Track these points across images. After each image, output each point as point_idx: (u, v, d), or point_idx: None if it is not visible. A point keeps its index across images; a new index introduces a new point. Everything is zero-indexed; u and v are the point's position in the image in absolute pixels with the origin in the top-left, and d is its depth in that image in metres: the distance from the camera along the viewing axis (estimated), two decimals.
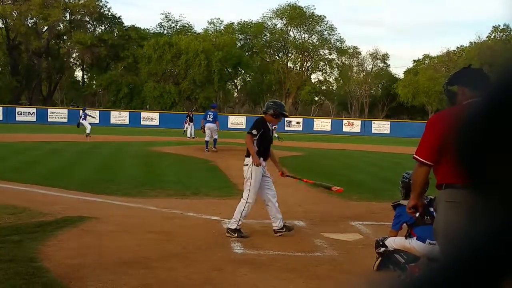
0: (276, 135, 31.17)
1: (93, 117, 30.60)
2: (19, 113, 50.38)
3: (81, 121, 30.42)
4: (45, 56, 64.87)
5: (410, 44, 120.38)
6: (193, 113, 34.96)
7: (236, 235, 7.16)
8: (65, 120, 47.83)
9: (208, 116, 21.82)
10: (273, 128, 7.91)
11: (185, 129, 39.40)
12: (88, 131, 29.48)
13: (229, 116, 53.43)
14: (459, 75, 4.11)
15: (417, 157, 3.97)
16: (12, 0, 61.71)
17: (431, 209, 5.47)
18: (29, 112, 50.85)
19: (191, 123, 32.63)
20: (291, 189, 11.21)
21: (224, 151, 21.63)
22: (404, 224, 5.82)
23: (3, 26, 62.83)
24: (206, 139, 21.64)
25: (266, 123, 7.61)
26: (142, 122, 51.59)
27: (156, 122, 51.87)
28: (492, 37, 66.60)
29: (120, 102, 62.17)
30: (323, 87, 76.13)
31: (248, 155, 7.43)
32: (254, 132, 7.40)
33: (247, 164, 7.39)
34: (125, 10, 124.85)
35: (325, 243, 7.12)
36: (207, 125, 21.61)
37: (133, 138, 31.15)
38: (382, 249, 5.76)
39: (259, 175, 7.38)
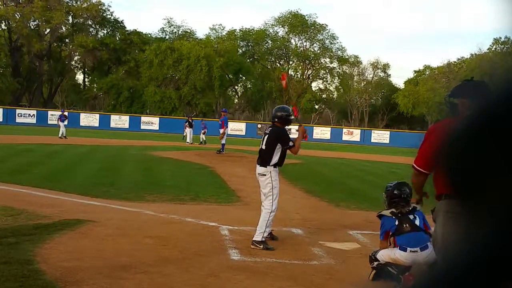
0: (204, 138, 31.54)
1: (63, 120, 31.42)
2: (19, 115, 50.43)
3: (59, 122, 31.32)
4: (47, 59, 64.99)
5: (411, 54, 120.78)
6: (192, 118, 34.89)
7: (261, 246, 7.01)
8: (65, 123, 47.79)
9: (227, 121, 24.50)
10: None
11: (185, 134, 39.47)
12: (60, 134, 30.34)
13: (229, 122, 53.40)
14: (461, 87, 4.17)
15: (414, 165, 4.12)
16: (15, 2, 61.85)
17: (411, 217, 5.54)
18: (29, 114, 50.88)
19: (190, 129, 32.57)
20: (289, 196, 11.22)
21: (223, 157, 21.67)
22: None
23: (6, 27, 62.97)
24: (224, 142, 23.47)
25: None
26: (142, 127, 51.60)
27: (156, 126, 51.88)
28: (493, 49, 66.78)
29: (120, 106, 62.24)
30: (324, 96, 76.25)
31: (262, 165, 7.35)
32: (291, 143, 7.42)
33: (265, 174, 7.30)
34: (127, 15, 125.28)
35: (322, 252, 7.11)
36: (227, 130, 24.06)
37: (133, 142, 31.15)
38: (375, 263, 5.77)
39: (278, 180, 7.36)
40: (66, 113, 34.80)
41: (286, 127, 7.75)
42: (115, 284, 5.26)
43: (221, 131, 23.36)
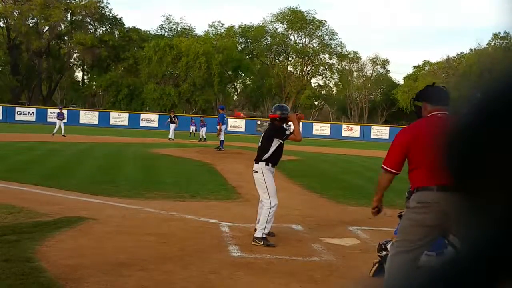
0: (205, 137, 31.72)
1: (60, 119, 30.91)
2: (18, 112, 50.36)
3: (57, 119, 31.15)
4: (46, 56, 64.93)
5: (410, 50, 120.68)
6: (175, 114, 34.87)
7: (262, 243, 7.02)
8: (65, 121, 47.71)
9: (224, 119, 24.51)
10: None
11: (191, 131, 39.55)
12: (55, 130, 30.00)
13: (228, 119, 53.44)
14: (423, 92, 4.49)
15: (384, 166, 4.44)
16: (13, 0, 61.75)
17: None
18: (28, 112, 50.82)
19: (172, 125, 32.50)
20: (288, 193, 11.21)
21: (223, 154, 21.66)
22: None
23: (4, 25, 62.92)
24: (222, 138, 23.61)
25: None
26: (142, 124, 51.58)
27: (155, 124, 51.85)
28: (492, 44, 66.74)
29: (119, 103, 62.19)
30: (323, 92, 76.23)
31: (256, 162, 7.36)
32: (289, 133, 7.41)
33: (257, 171, 7.30)
34: (126, 12, 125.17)
35: (322, 248, 7.11)
36: (223, 127, 23.99)
37: (132, 139, 31.14)
38: (384, 252, 5.76)
39: (271, 177, 7.32)
40: (64, 111, 34.60)
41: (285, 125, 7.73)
42: (115, 281, 5.26)
43: (218, 127, 23.62)
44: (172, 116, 33.59)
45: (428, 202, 4.02)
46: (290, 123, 7.63)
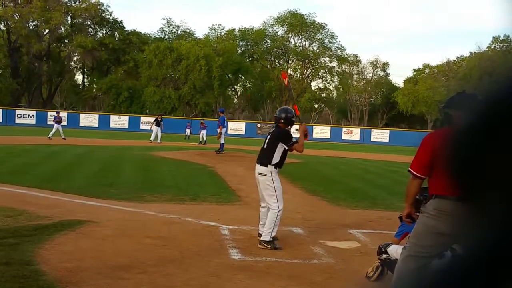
0: (205, 139, 31.73)
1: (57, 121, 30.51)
2: (18, 115, 50.41)
3: (54, 122, 30.96)
4: (46, 59, 64.97)
5: (410, 53, 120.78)
6: (162, 117, 34.07)
7: (269, 246, 7.01)
8: (64, 124, 47.72)
9: (225, 122, 24.47)
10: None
11: (186, 133, 39.48)
12: (50, 134, 29.80)
13: (228, 122, 53.39)
14: (454, 98, 4.38)
15: (411, 170, 4.39)
16: (13, 3, 61.82)
17: None
18: (28, 115, 50.85)
19: (157, 127, 31.89)
20: (289, 195, 11.20)
21: (223, 157, 21.66)
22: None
23: (5, 28, 62.95)
24: (223, 141, 23.63)
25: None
26: (142, 127, 51.56)
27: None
28: (492, 47, 66.75)
29: (120, 106, 62.22)
30: (323, 95, 76.28)
31: (263, 165, 7.29)
32: (294, 139, 7.34)
33: (265, 174, 7.23)
34: (126, 15, 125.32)
35: (322, 251, 7.11)
36: (224, 129, 23.95)
37: (133, 142, 31.14)
38: (384, 256, 5.76)
39: (279, 181, 7.30)
40: (61, 114, 34.46)
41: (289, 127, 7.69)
42: (115, 284, 5.26)
43: (218, 130, 23.60)
44: (159, 119, 32.61)
45: (444, 210, 4.02)
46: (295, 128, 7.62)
